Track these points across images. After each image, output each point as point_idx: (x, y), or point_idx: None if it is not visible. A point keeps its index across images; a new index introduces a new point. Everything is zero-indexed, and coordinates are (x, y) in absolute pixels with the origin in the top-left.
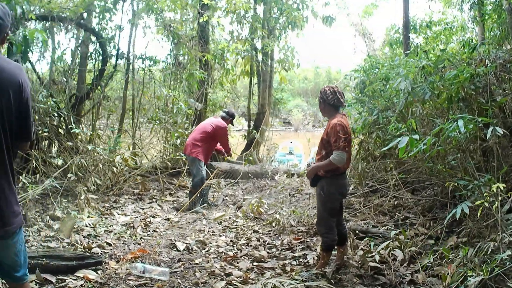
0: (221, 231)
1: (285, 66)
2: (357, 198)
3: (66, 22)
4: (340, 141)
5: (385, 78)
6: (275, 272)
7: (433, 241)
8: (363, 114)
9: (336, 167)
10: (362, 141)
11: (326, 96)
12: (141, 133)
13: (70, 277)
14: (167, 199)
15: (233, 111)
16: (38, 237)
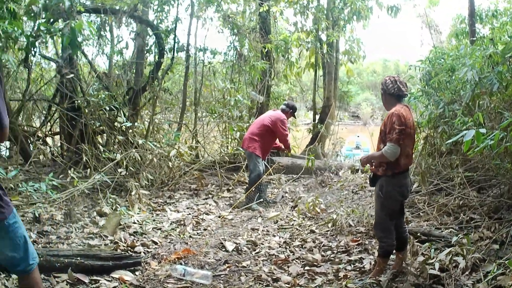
0: (275, 231)
1: (351, 58)
2: (421, 196)
3: (119, 15)
4: (394, 132)
5: (450, 69)
6: (326, 278)
7: (498, 246)
8: (430, 107)
9: (395, 164)
10: (427, 136)
11: (386, 85)
12: (203, 127)
13: (105, 278)
14: (224, 195)
15: (293, 103)
16: (81, 234)
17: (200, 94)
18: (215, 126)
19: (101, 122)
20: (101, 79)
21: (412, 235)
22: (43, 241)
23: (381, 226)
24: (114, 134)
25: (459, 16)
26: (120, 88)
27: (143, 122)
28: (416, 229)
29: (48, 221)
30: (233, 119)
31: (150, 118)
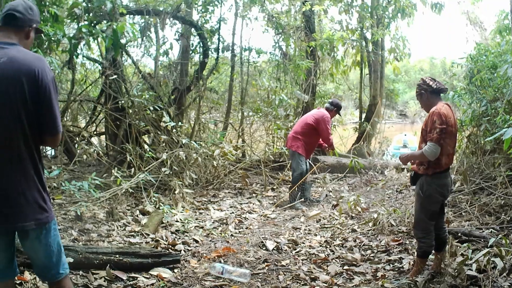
0: (317, 230)
1: (396, 56)
2: (464, 196)
3: (162, 16)
4: (435, 131)
5: (492, 66)
6: (364, 278)
7: None
8: (473, 105)
9: (436, 164)
10: (470, 134)
11: (426, 84)
12: (249, 126)
13: (143, 275)
14: (268, 194)
15: (337, 102)
16: (122, 232)
17: (246, 94)
18: (260, 125)
19: (145, 122)
20: (146, 80)
21: (452, 235)
22: (83, 238)
23: (420, 226)
24: (159, 133)
25: (502, 12)
26: (166, 88)
27: (189, 122)
28: (456, 229)
29: (90, 219)
30: (278, 118)
31: (195, 117)
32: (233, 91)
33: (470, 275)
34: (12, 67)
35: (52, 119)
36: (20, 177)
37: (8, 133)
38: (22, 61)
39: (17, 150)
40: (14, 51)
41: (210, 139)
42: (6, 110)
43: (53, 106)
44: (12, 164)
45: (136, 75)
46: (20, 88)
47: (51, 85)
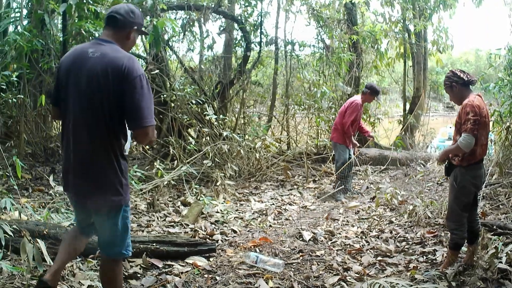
0: (355, 221)
1: (439, 47)
2: (503, 188)
3: (203, 10)
4: (469, 122)
5: None
6: (397, 269)
7: None
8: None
9: (471, 155)
10: (510, 126)
11: (456, 76)
12: (294, 119)
13: (179, 263)
14: (309, 186)
15: (373, 84)
16: (162, 222)
17: (291, 87)
18: (303, 118)
19: (189, 116)
20: (189, 74)
21: (487, 228)
22: None
23: (453, 217)
24: (202, 127)
25: None
26: (210, 82)
27: (234, 115)
28: (491, 221)
29: (132, 210)
30: (320, 110)
31: (239, 110)
32: (277, 84)
33: (501, 268)
34: (102, 61)
35: (135, 113)
36: (102, 160)
37: (91, 119)
38: (112, 57)
39: (99, 135)
40: (108, 48)
41: (254, 132)
42: (93, 99)
43: (137, 100)
44: (94, 148)
45: (179, 69)
46: (106, 81)
47: (138, 81)
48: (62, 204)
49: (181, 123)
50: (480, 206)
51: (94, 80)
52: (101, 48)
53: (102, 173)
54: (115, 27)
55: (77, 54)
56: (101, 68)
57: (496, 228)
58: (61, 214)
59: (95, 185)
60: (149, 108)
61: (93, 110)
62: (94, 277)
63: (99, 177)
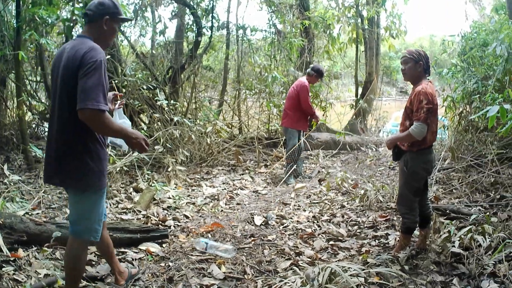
0: (306, 206)
1: (392, 33)
2: (456, 173)
3: None
4: (422, 111)
5: (483, 43)
6: (349, 253)
7: None
8: (465, 83)
9: (421, 141)
10: (462, 111)
11: (422, 57)
12: (245, 104)
13: (132, 250)
14: (261, 171)
15: (318, 66)
16: (115, 209)
17: (242, 71)
18: (254, 102)
19: (140, 101)
20: (140, 59)
21: (440, 212)
22: None
23: (404, 202)
24: (153, 112)
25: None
26: (162, 67)
27: (185, 100)
28: (445, 206)
29: None
30: (272, 95)
31: (190, 95)
32: (228, 69)
33: (454, 252)
34: (68, 55)
35: (80, 94)
36: (72, 148)
37: (61, 111)
38: (76, 49)
39: (68, 125)
40: (78, 42)
41: (205, 117)
42: (62, 92)
43: (84, 82)
44: (65, 137)
45: (131, 55)
46: (68, 72)
47: (91, 66)
48: (17, 193)
49: (132, 108)
50: (433, 191)
51: (63, 74)
52: (74, 43)
53: (71, 156)
54: (89, 22)
55: (59, 52)
56: (66, 62)
57: (449, 212)
58: (16, 203)
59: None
60: (95, 92)
61: (62, 101)
62: (50, 266)
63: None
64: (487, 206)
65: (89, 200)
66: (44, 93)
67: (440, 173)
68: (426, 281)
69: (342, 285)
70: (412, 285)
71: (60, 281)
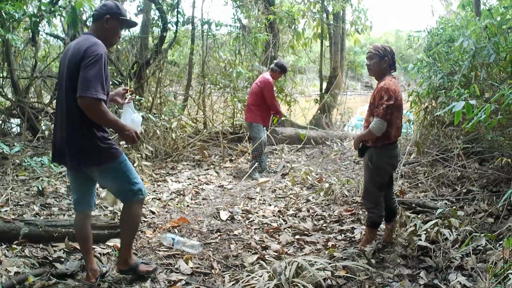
0: (272, 200)
1: (357, 28)
2: (422, 167)
3: None
4: (382, 107)
5: (449, 39)
6: (315, 248)
7: (493, 220)
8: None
9: (385, 136)
10: (427, 106)
11: (388, 53)
12: (210, 98)
13: (100, 246)
14: (226, 166)
15: (282, 62)
16: None
17: (207, 66)
18: (219, 97)
19: None
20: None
21: (406, 206)
22: (45, 213)
23: (370, 196)
24: (118, 107)
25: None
26: (127, 62)
27: (150, 95)
28: (411, 200)
29: (52, 194)
30: (236, 90)
31: (155, 90)
32: (193, 64)
33: (421, 246)
34: (73, 49)
35: (80, 83)
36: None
37: (67, 101)
38: (80, 44)
39: (74, 113)
40: (82, 38)
41: (170, 112)
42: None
43: (85, 73)
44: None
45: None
46: (72, 65)
47: (92, 58)
48: None
49: None
50: (399, 185)
51: (68, 65)
52: (79, 40)
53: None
54: (94, 21)
55: (67, 47)
56: (71, 56)
57: (415, 206)
58: None
59: (78, 151)
60: (95, 82)
61: (67, 92)
62: (20, 264)
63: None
64: (454, 200)
65: (114, 170)
66: (11, 89)
67: (405, 167)
68: (393, 274)
69: (309, 279)
70: (379, 278)
71: (31, 279)
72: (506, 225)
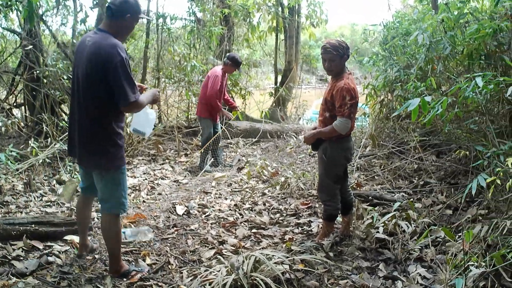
0: (228, 194)
1: (313, 21)
2: (378, 160)
3: None
4: (346, 107)
5: (406, 33)
6: (272, 241)
7: (451, 212)
8: (387, 71)
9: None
10: (383, 99)
11: (344, 50)
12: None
13: (58, 243)
14: (181, 160)
15: (234, 55)
16: (39, 202)
17: (162, 60)
18: (174, 91)
19: (61, 92)
20: (61, 48)
21: (362, 199)
22: (3, 211)
23: (325, 190)
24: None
25: None
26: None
27: None
28: (367, 192)
29: (9, 191)
30: (191, 83)
31: None
32: (148, 58)
33: (379, 238)
34: (91, 49)
35: (120, 92)
36: (94, 133)
37: (84, 100)
38: (98, 45)
39: (91, 113)
40: (99, 37)
41: None
42: (85, 82)
43: (119, 82)
44: (88, 123)
45: (53, 44)
46: (92, 66)
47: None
48: None
49: (53, 99)
50: (355, 177)
51: (86, 65)
52: (95, 37)
53: (94, 143)
54: (110, 16)
55: (80, 43)
56: (89, 55)
57: (372, 199)
58: None
59: (87, 151)
60: (130, 87)
61: (85, 91)
62: None
63: (91, 146)
64: (411, 192)
65: (113, 178)
66: None
67: (361, 160)
68: (352, 267)
69: (267, 273)
70: (337, 271)
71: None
72: (464, 217)
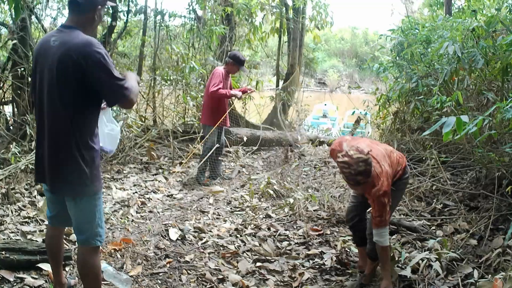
0: (227, 214)
1: (317, 24)
2: None
3: None
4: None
5: (426, 40)
6: (281, 278)
7: (476, 242)
8: (400, 80)
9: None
10: (398, 111)
11: (370, 166)
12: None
13: (31, 275)
14: (176, 170)
15: (236, 53)
16: (16, 218)
17: (159, 59)
18: (171, 92)
19: None
20: None
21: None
22: None
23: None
24: None
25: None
26: None
27: None
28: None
29: None
30: (189, 86)
31: None
32: (144, 56)
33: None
34: (60, 50)
35: (113, 90)
36: (65, 151)
37: (53, 109)
38: (72, 45)
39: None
40: (67, 35)
41: (116, 110)
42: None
43: (104, 81)
44: (57, 139)
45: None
46: (63, 69)
47: (103, 61)
48: None
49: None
50: None
51: (57, 69)
52: (62, 36)
53: (66, 163)
54: (78, 12)
55: (42, 43)
56: (60, 57)
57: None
58: None
59: (59, 173)
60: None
61: (53, 100)
62: None
63: (64, 167)
64: (429, 217)
65: (88, 205)
66: None
67: None
68: None
69: None
70: None
71: None
72: (490, 247)
